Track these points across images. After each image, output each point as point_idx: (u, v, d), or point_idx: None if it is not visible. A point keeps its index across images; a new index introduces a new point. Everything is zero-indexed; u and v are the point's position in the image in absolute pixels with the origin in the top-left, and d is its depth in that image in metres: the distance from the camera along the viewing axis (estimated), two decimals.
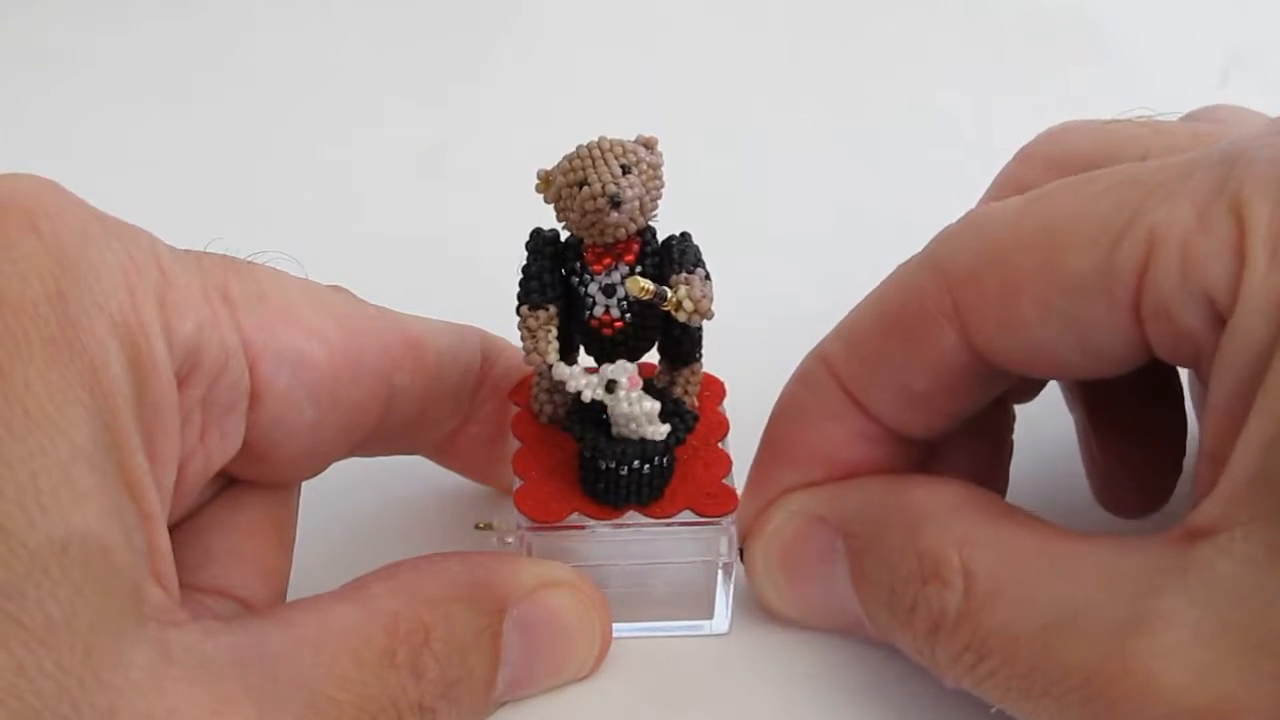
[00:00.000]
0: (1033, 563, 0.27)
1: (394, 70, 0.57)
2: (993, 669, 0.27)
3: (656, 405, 0.29)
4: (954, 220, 0.30)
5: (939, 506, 0.29)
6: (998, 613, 0.27)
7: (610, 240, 0.29)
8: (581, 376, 0.30)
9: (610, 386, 0.29)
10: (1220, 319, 0.26)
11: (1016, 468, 0.34)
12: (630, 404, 0.29)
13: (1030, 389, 0.35)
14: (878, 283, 0.31)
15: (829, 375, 0.31)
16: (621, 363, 0.30)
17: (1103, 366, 0.29)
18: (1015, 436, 0.35)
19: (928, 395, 0.30)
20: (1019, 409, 0.35)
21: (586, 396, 0.30)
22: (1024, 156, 0.34)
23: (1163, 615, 0.24)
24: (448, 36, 0.59)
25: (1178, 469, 0.34)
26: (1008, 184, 0.35)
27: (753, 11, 0.61)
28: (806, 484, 0.32)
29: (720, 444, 0.32)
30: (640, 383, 0.30)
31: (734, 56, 0.59)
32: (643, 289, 0.28)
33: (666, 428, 0.30)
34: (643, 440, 0.30)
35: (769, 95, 0.56)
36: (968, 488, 0.30)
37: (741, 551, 0.32)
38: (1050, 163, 0.33)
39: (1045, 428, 0.36)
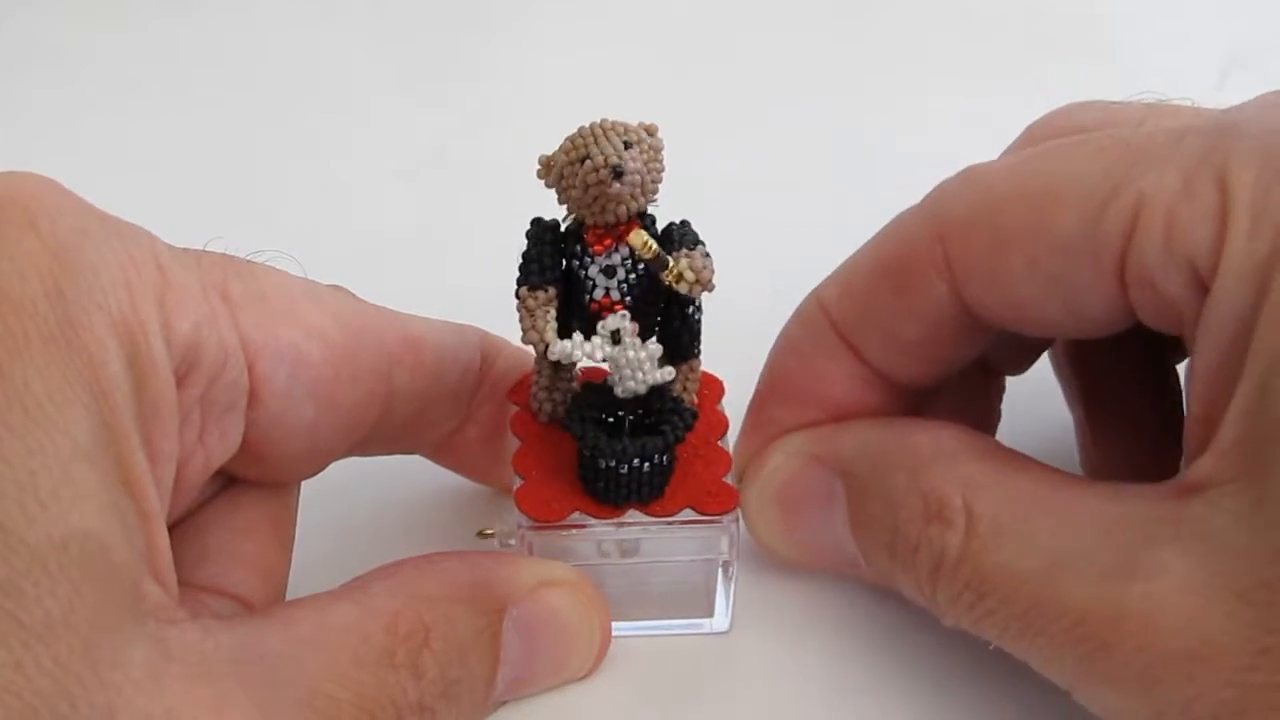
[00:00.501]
0: (1033, 506, 0.28)
1: (394, 69, 0.57)
2: (991, 608, 0.28)
3: (659, 348, 0.30)
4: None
5: (942, 448, 0.30)
6: (998, 553, 0.27)
7: (612, 218, 0.29)
8: (583, 343, 0.30)
9: (616, 337, 0.29)
10: (1202, 285, 0.26)
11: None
12: (635, 349, 0.29)
13: (1021, 360, 0.35)
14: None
15: (823, 316, 0.32)
16: (615, 314, 0.30)
17: (1087, 327, 0.29)
18: (1010, 430, 0.35)
19: (916, 343, 0.31)
20: (1017, 405, 0.35)
21: (597, 356, 0.30)
22: (1032, 134, 0.34)
23: (1157, 564, 0.25)
24: (448, 36, 0.59)
25: (1174, 470, 0.34)
26: None
27: (753, 9, 0.61)
28: (803, 424, 0.32)
29: (720, 442, 0.32)
30: (638, 330, 0.30)
31: (734, 54, 0.59)
32: (645, 243, 0.29)
33: (671, 370, 0.30)
34: (644, 440, 0.30)
35: (768, 92, 0.56)
36: (968, 432, 0.30)
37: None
38: (1058, 136, 0.33)
39: (1042, 424, 0.37)
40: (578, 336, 0.30)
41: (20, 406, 0.23)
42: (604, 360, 0.30)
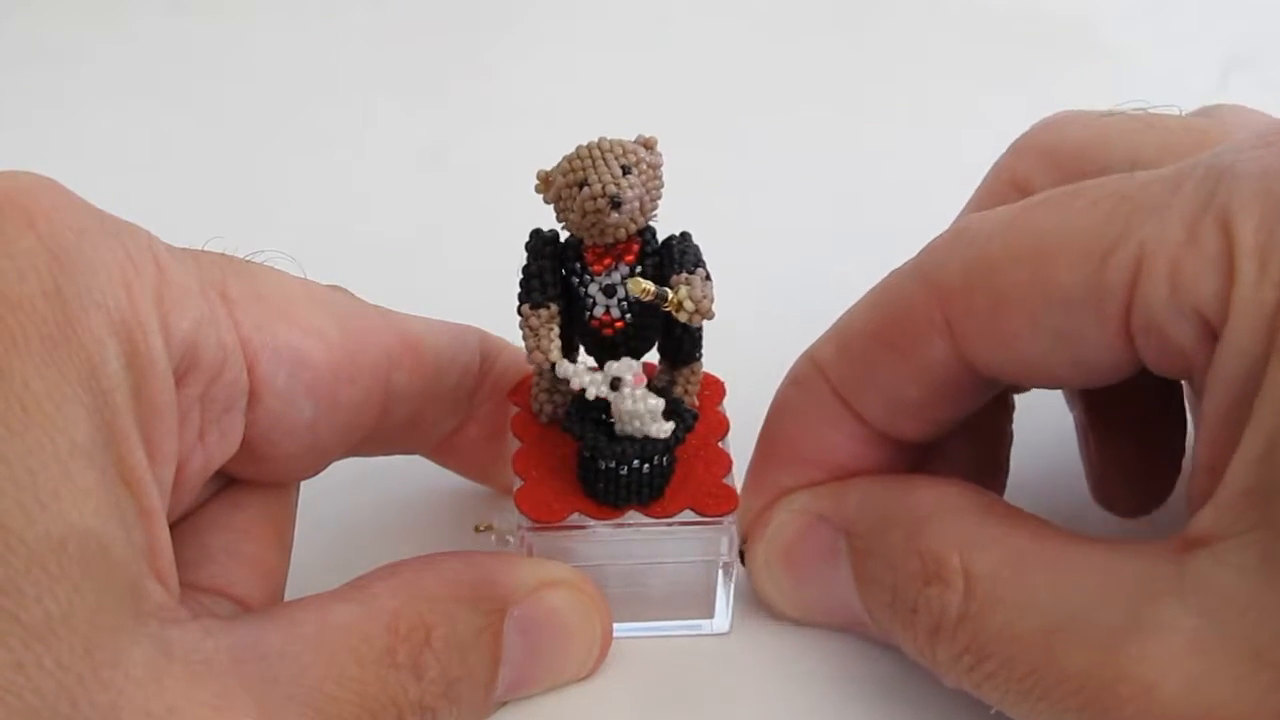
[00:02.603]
0: (1033, 566, 0.27)
1: (394, 70, 0.57)
2: (992, 671, 0.27)
3: (661, 403, 0.30)
4: (946, 229, 0.31)
5: (941, 507, 0.29)
6: (997, 615, 0.27)
7: (610, 241, 0.29)
8: (586, 374, 0.30)
9: (615, 384, 0.29)
10: (1212, 333, 0.26)
11: (1015, 465, 0.34)
12: (635, 401, 0.29)
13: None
14: (876, 283, 0.31)
15: (820, 378, 0.31)
16: (626, 360, 0.30)
17: (1094, 378, 0.29)
18: (1015, 433, 0.35)
19: (919, 403, 0.31)
20: (1019, 408, 0.35)
21: (591, 394, 0.30)
22: (1017, 149, 0.34)
23: (1160, 623, 0.25)
24: (448, 36, 0.59)
25: (1176, 469, 0.34)
26: (1001, 175, 0.35)
27: (753, 11, 0.61)
28: (805, 484, 0.32)
29: (720, 443, 0.32)
30: (645, 380, 0.30)
31: (734, 56, 0.59)
32: (644, 290, 0.28)
33: (670, 425, 0.30)
34: (644, 439, 0.30)
35: (768, 95, 0.56)
36: (969, 488, 0.30)
37: (742, 554, 0.32)
38: (1043, 155, 0.33)
39: (1044, 425, 0.36)
40: (581, 366, 0.30)
41: (19, 405, 0.23)
42: (605, 397, 0.30)
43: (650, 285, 0.28)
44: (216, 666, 0.24)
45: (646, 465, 0.30)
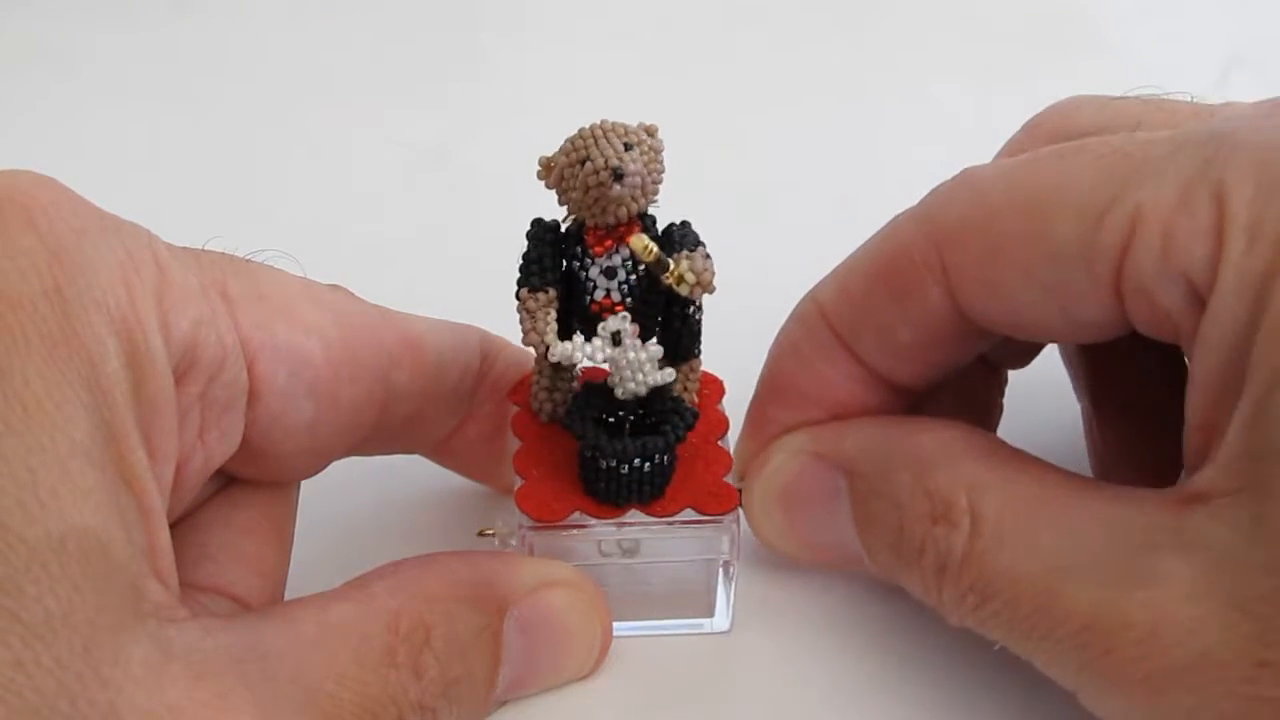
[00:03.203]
0: (1038, 508, 0.28)
1: (394, 70, 0.57)
2: (996, 610, 0.28)
3: (660, 350, 0.30)
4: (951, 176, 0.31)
5: (947, 448, 0.30)
6: (1002, 556, 0.28)
7: (612, 220, 0.29)
8: (584, 345, 0.30)
9: (616, 338, 0.29)
10: (1199, 299, 0.26)
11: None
12: (636, 351, 0.29)
13: (1023, 353, 0.35)
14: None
15: (820, 316, 0.32)
16: (618, 315, 0.30)
17: (1083, 333, 0.29)
18: (1016, 422, 0.35)
19: (913, 346, 0.31)
20: (1022, 396, 0.35)
21: (598, 358, 0.30)
22: (1030, 128, 0.34)
23: (1160, 572, 0.25)
24: (448, 36, 0.59)
25: (1180, 461, 0.34)
26: (1013, 155, 0.35)
27: (753, 9, 0.61)
28: (803, 423, 0.32)
29: (720, 442, 0.32)
30: (639, 332, 0.30)
31: (734, 55, 0.59)
32: (645, 247, 0.29)
33: (672, 371, 0.30)
34: (643, 441, 0.30)
35: (769, 92, 0.56)
36: (973, 431, 0.30)
37: (739, 491, 0.32)
38: (1055, 135, 0.33)
39: (1046, 414, 0.37)
40: (578, 338, 0.30)
41: (19, 404, 0.23)
42: (604, 361, 0.30)
43: (653, 244, 0.29)
44: (216, 665, 0.24)
45: (647, 464, 0.30)
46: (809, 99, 0.55)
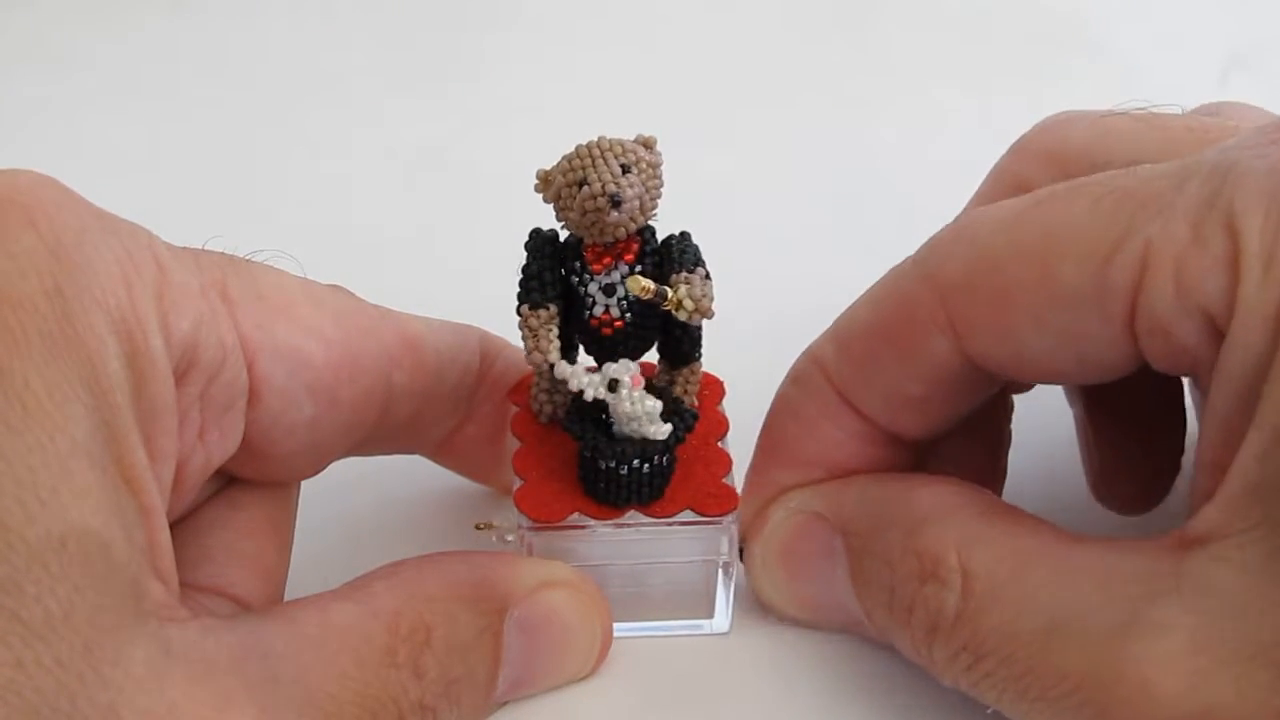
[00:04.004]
0: (1030, 565, 0.27)
1: (393, 70, 0.57)
2: (989, 670, 0.27)
3: (659, 405, 0.30)
4: (947, 225, 0.30)
5: (938, 506, 0.29)
6: (995, 614, 0.27)
7: (610, 240, 0.29)
8: (584, 375, 0.30)
9: (613, 385, 0.29)
10: (1217, 333, 0.26)
11: (1014, 462, 0.34)
12: (633, 403, 0.29)
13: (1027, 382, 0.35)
14: (875, 280, 0.31)
15: (822, 377, 0.31)
16: (624, 362, 0.30)
17: (1097, 374, 0.29)
18: (1014, 431, 0.35)
19: (921, 399, 0.30)
20: (1018, 406, 0.35)
21: (589, 395, 0.30)
22: (1018, 149, 0.34)
23: (1158, 622, 0.25)
24: (448, 36, 0.59)
25: (1175, 467, 0.34)
26: (1003, 177, 0.35)
27: (752, 10, 0.61)
28: (805, 483, 0.32)
29: (720, 443, 0.32)
30: (642, 382, 0.30)
31: (733, 55, 0.59)
32: (643, 288, 0.28)
33: (668, 427, 0.30)
34: (644, 439, 0.30)
35: (768, 95, 0.56)
36: (967, 487, 0.30)
37: (741, 551, 0.32)
38: (1045, 156, 0.33)
39: (1043, 423, 0.37)
40: (579, 368, 0.30)
41: (19, 404, 0.23)
42: (603, 399, 0.30)
43: (650, 284, 0.28)
44: (217, 666, 0.24)
45: (646, 465, 0.30)
46: (808, 102, 0.55)
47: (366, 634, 0.26)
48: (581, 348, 0.32)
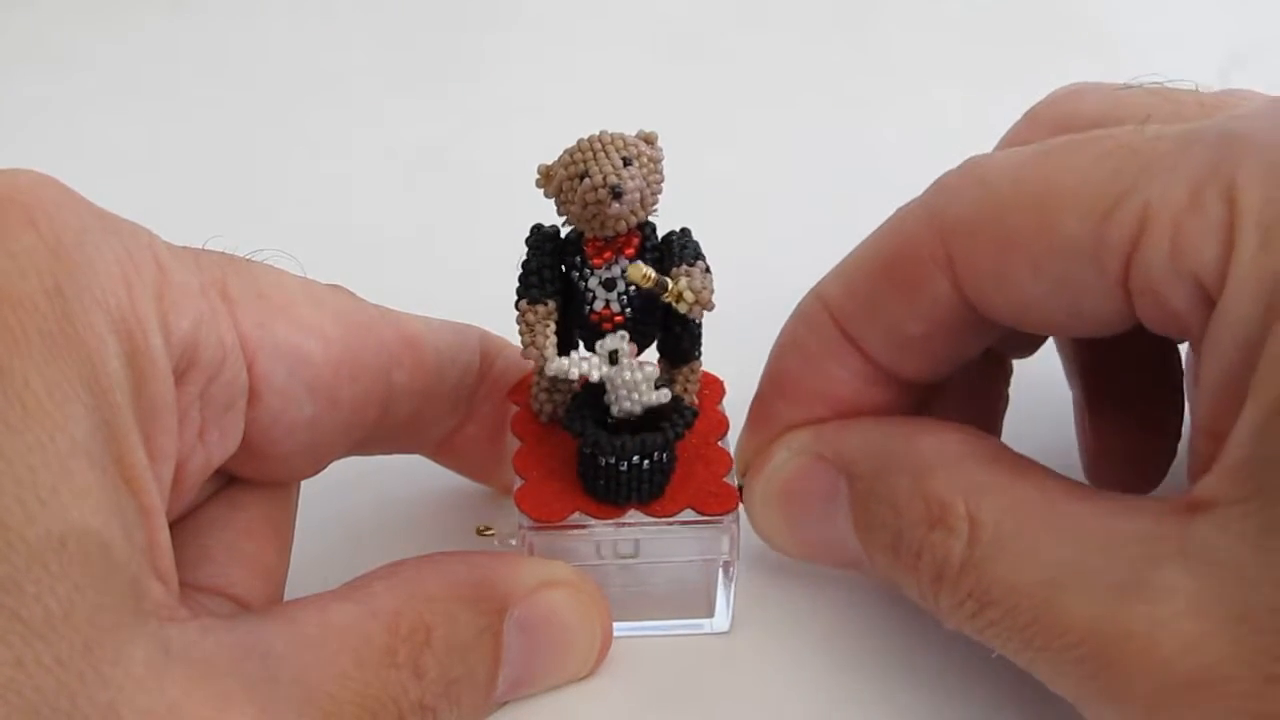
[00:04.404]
0: (1037, 516, 0.27)
1: (393, 70, 0.57)
2: (994, 619, 0.27)
3: (656, 370, 0.30)
4: (955, 166, 0.31)
5: (947, 453, 0.29)
6: (1000, 564, 0.27)
7: (611, 233, 0.29)
8: (581, 361, 0.30)
9: (613, 357, 0.29)
10: (1208, 299, 0.26)
11: (1011, 443, 0.34)
12: (632, 371, 0.29)
13: (1028, 344, 0.35)
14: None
15: (826, 314, 0.32)
16: (616, 333, 0.30)
17: (1091, 328, 0.29)
18: (1010, 415, 0.35)
19: (921, 339, 0.31)
20: (1017, 385, 0.35)
21: (594, 376, 0.30)
22: (1031, 118, 0.34)
23: (1161, 584, 0.25)
24: (448, 36, 0.59)
25: (1172, 451, 0.34)
26: (1014, 144, 0.35)
27: (752, 9, 0.61)
28: (806, 421, 0.32)
29: (720, 442, 0.32)
30: (638, 351, 0.30)
31: (734, 55, 0.59)
32: (644, 275, 0.29)
33: (668, 392, 0.30)
34: (642, 438, 0.30)
35: (768, 93, 0.56)
36: (975, 435, 0.30)
37: (740, 487, 0.32)
38: (1057, 124, 0.33)
39: (1038, 408, 0.37)
40: (575, 355, 0.30)
41: (19, 403, 0.23)
42: (601, 380, 0.30)
43: (650, 271, 0.29)
44: (216, 665, 0.24)
45: (646, 461, 0.30)
46: (808, 100, 0.55)
47: (366, 634, 0.26)
48: (581, 345, 0.32)
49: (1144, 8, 0.60)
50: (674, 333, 0.31)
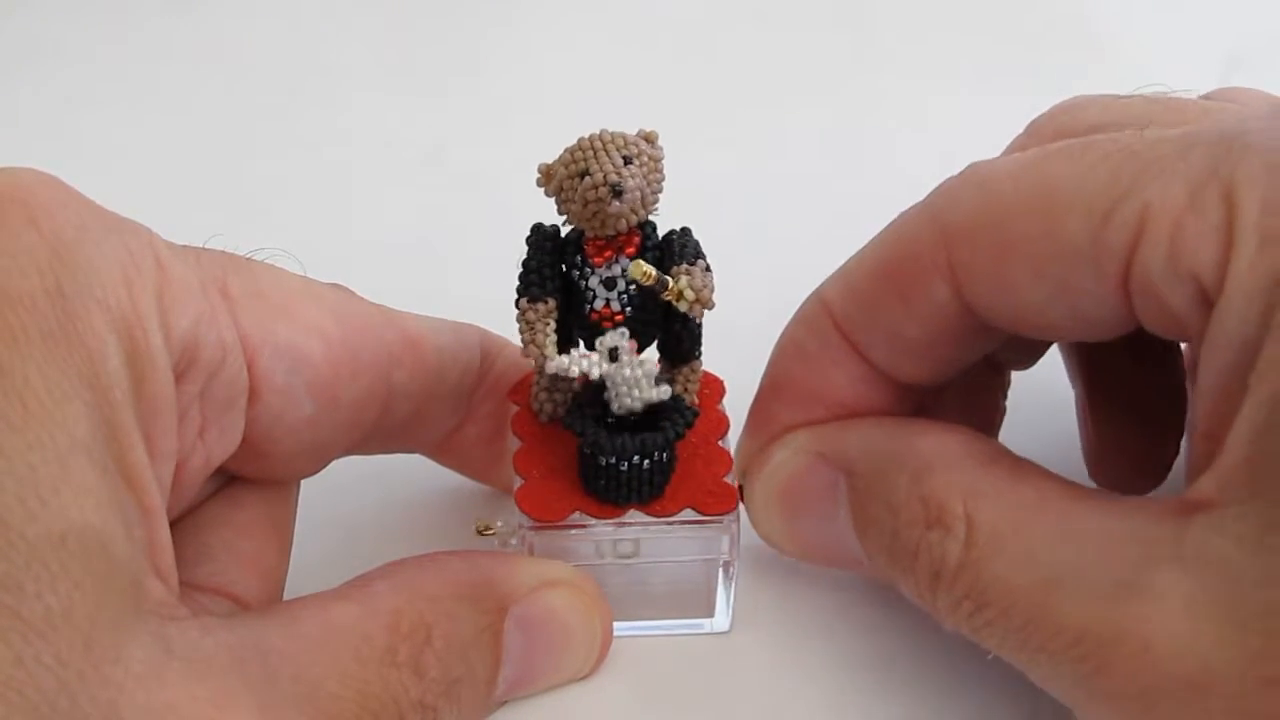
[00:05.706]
0: (1034, 517, 0.27)
1: (393, 68, 0.57)
2: (990, 619, 0.27)
3: (656, 366, 0.30)
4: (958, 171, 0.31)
5: (945, 453, 0.29)
6: (997, 565, 0.27)
7: (612, 232, 0.29)
8: (581, 359, 0.30)
9: (614, 354, 0.30)
10: (1207, 300, 0.26)
11: (1011, 443, 0.34)
12: (632, 368, 0.29)
13: (1028, 356, 0.35)
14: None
15: (827, 317, 0.32)
16: (616, 330, 0.30)
17: (1092, 331, 0.29)
18: (1011, 413, 0.35)
19: (921, 344, 0.31)
20: (1017, 384, 0.35)
21: (594, 373, 0.30)
22: (1033, 130, 0.34)
23: (1157, 585, 0.25)
24: (447, 35, 0.59)
25: (1174, 450, 0.34)
26: None
27: (753, 9, 0.61)
28: (806, 423, 0.32)
29: (720, 442, 0.32)
30: (637, 347, 0.30)
31: (734, 55, 0.59)
32: (645, 273, 0.29)
33: (668, 389, 0.30)
34: (642, 438, 0.30)
35: (769, 94, 0.56)
36: (971, 434, 0.30)
37: (740, 488, 0.32)
38: (1059, 136, 0.33)
39: (1041, 406, 0.37)
40: (575, 352, 0.30)
41: (19, 402, 0.23)
42: (601, 377, 0.30)
43: (651, 269, 0.29)
44: (217, 664, 0.24)
45: (647, 461, 0.30)
46: (809, 101, 0.55)
47: (367, 633, 0.26)
48: (581, 344, 0.32)
49: (1144, 8, 0.60)
50: (674, 332, 0.31)
